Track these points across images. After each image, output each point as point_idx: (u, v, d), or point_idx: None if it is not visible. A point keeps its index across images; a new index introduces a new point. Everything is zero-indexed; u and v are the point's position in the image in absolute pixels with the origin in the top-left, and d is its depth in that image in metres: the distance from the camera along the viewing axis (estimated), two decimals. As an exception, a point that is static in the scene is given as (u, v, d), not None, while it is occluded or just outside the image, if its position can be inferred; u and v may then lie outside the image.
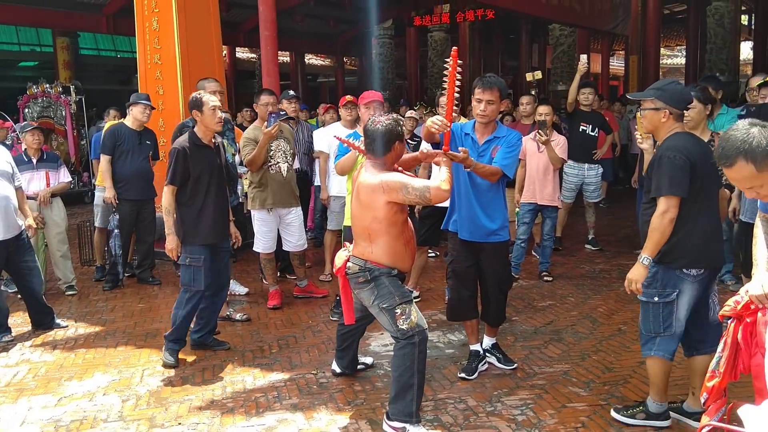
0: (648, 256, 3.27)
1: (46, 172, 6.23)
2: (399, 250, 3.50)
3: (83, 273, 7.24)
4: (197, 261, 4.51)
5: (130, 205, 6.53)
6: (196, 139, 4.55)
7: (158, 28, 7.61)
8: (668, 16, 25.53)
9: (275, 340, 4.97)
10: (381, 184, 3.37)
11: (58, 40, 17.27)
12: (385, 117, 3.53)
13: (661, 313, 3.36)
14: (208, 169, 4.54)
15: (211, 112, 4.50)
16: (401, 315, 3.41)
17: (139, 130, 6.56)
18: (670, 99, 3.35)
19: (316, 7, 17.81)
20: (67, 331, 5.31)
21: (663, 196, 3.23)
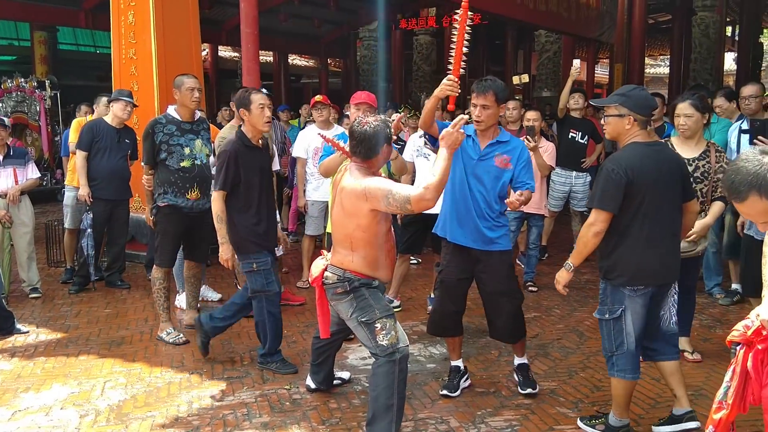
0: (571, 263, 3.36)
1: (13, 168, 5.93)
2: (380, 259, 3.29)
3: (50, 275, 6.94)
4: (265, 264, 4.26)
5: (104, 204, 6.25)
6: (246, 140, 4.30)
7: (134, 22, 7.34)
8: (653, 26, 25.58)
9: (247, 351, 4.72)
10: (364, 191, 3.14)
11: (36, 34, 16.81)
12: (373, 118, 3.30)
13: (613, 330, 3.33)
14: (259, 171, 4.30)
15: (259, 111, 4.23)
16: (381, 330, 3.19)
17: (119, 127, 6.29)
18: (635, 105, 3.25)
19: (301, 7, 17.54)
20: (27, 337, 5.02)
21: (594, 208, 3.22)
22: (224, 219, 4.20)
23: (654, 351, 3.44)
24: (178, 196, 4.81)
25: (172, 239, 4.91)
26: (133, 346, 4.82)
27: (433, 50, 21.80)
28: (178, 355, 4.63)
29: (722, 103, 6.16)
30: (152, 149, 4.79)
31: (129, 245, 7.32)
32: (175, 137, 4.80)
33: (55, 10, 15.50)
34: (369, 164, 3.28)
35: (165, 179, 4.81)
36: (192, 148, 4.85)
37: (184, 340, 4.86)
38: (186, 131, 4.87)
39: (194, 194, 4.85)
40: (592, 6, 18.15)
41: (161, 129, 4.79)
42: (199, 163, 4.89)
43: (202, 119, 5.06)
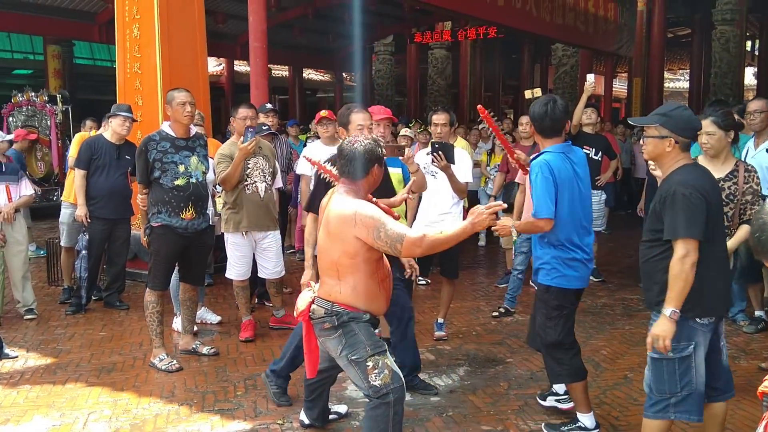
0: (674, 308, 2.84)
1: (5, 185, 5.75)
2: (372, 290, 3.03)
3: (48, 294, 6.77)
4: None
5: (103, 223, 6.07)
6: None
7: (139, 36, 7.18)
8: (672, 39, 25.28)
9: (242, 380, 4.48)
10: (354, 216, 2.89)
11: (49, 48, 16.86)
12: (363, 136, 3.07)
13: (678, 370, 2.93)
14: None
15: (358, 132, 3.94)
16: (373, 369, 2.93)
17: (119, 143, 6.11)
18: (676, 126, 2.95)
19: (316, 22, 17.45)
20: (15, 362, 4.81)
21: (680, 238, 2.83)
22: (312, 243, 3.86)
23: (716, 390, 3.08)
24: (172, 216, 4.60)
25: (166, 261, 4.69)
26: (123, 373, 4.60)
27: (448, 64, 21.60)
28: (169, 384, 4.40)
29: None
30: (145, 167, 4.59)
31: (131, 263, 7.14)
32: (169, 154, 4.59)
33: (68, 24, 15.52)
34: (358, 186, 3.04)
35: (159, 198, 4.60)
36: (187, 165, 4.64)
37: (177, 367, 4.63)
38: (181, 148, 4.65)
39: (189, 214, 4.64)
40: (610, 20, 17.89)
41: (155, 146, 4.58)
42: (195, 181, 4.68)
43: (198, 135, 4.85)
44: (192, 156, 4.69)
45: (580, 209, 3.56)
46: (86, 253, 6.04)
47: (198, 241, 4.80)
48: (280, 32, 17.48)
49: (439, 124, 5.14)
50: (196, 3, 7.42)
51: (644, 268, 3.06)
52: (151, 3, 6.97)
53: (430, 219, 5.10)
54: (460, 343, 5.27)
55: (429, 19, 19.17)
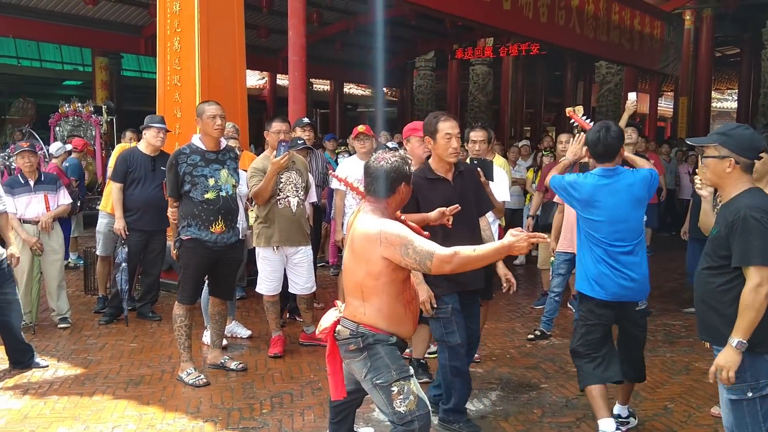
0: (742, 339, 2.67)
1: (44, 194, 5.84)
2: (398, 312, 2.92)
3: (84, 303, 6.82)
4: (444, 312, 3.83)
5: (139, 235, 6.09)
6: (429, 171, 3.94)
7: (179, 49, 7.25)
8: (720, 59, 24.73)
9: (269, 397, 4.40)
10: (379, 235, 2.80)
11: (98, 60, 17.28)
12: (391, 154, 2.98)
13: (760, 411, 2.74)
14: (446, 204, 3.70)
15: (445, 142, 3.85)
16: (398, 394, 2.82)
17: (154, 155, 6.13)
18: (737, 146, 2.77)
19: (357, 37, 17.50)
20: (45, 372, 4.82)
21: (754, 266, 2.65)
22: None
23: None
24: (201, 229, 4.57)
25: (195, 274, 4.66)
26: (151, 387, 4.57)
27: (490, 80, 21.49)
28: (195, 399, 4.35)
29: None
30: (176, 181, 4.57)
31: (166, 274, 7.16)
32: (200, 168, 4.57)
33: (116, 37, 15.89)
34: (385, 205, 2.95)
35: (189, 211, 4.58)
36: (217, 178, 4.61)
37: (204, 381, 4.58)
38: (211, 161, 4.63)
39: (219, 227, 4.60)
40: (656, 38, 17.53)
41: (185, 159, 4.57)
42: (225, 194, 4.64)
43: (228, 148, 4.82)
44: (222, 169, 4.66)
45: (597, 233, 3.70)
46: (126, 266, 6.04)
47: (228, 255, 4.76)
48: (321, 47, 17.60)
49: (477, 140, 5.04)
50: (237, 17, 7.46)
51: (704, 297, 2.87)
52: (192, 17, 7.04)
53: None
54: (493, 366, 5.12)
55: (471, 36, 19.10)
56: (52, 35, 15.57)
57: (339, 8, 15.71)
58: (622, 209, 3.70)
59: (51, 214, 5.80)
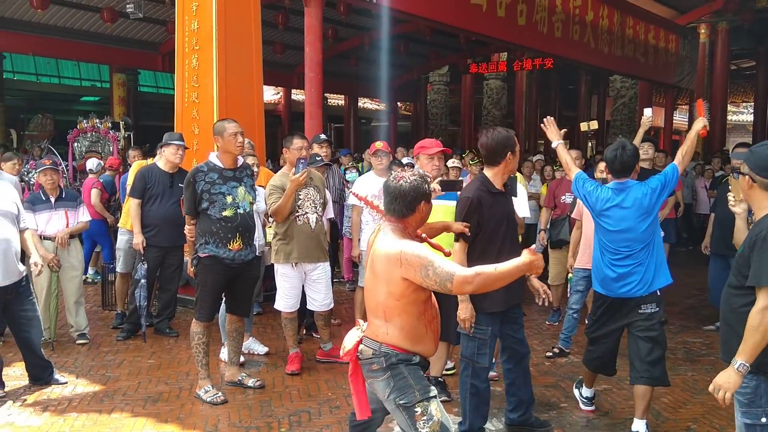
0: (745, 362, 2.63)
1: (65, 211, 5.89)
2: (420, 331, 2.90)
3: (102, 318, 6.85)
4: (483, 333, 3.84)
5: (156, 251, 6.12)
6: (490, 184, 3.94)
7: (198, 66, 7.31)
8: (736, 71, 24.61)
9: (287, 416, 4.39)
10: (399, 255, 2.78)
11: (115, 76, 17.47)
12: (410, 172, 2.97)
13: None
14: (504, 218, 3.93)
15: (512, 158, 3.92)
16: (422, 415, 2.80)
17: (172, 171, 6.17)
18: (755, 165, 2.74)
19: (371, 52, 17.60)
20: (64, 388, 4.84)
21: (765, 286, 2.59)
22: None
23: None
24: (219, 247, 4.58)
25: (212, 291, 4.66)
26: (169, 404, 4.57)
27: (504, 95, 21.49)
28: (213, 417, 4.34)
29: None
30: (193, 198, 4.59)
31: (183, 290, 7.19)
32: (217, 185, 4.58)
33: (134, 54, 16.08)
34: (405, 224, 2.94)
35: (206, 229, 4.60)
36: (235, 196, 4.62)
37: (221, 399, 4.58)
38: (228, 179, 4.64)
39: (236, 245, 4.61)
40: (671, 51, 17.49)
41: (203, 177, 4.58)
42: (242, 211, 4.65)
43: (245, 165, 4.83)
44: (239, 186, 4.67)
45: (605, 237, 4.14)
46: (145, 282, 6.07)
47: (245, 272, 4.77)
48: (336, 62, 17.71)
49: None
50: (254, 35, 7.52)
51: (726, 316, 2.84)
52: (210, 34, 7.10)
53: None
54: (511, 384, 5.07)
55: (484, 50, 19.14)
56: (70, 52, 15.80)
57: (353, 24, 15.81)
58: (630, 221, 4.02)
59: (68, 230, 5.85)
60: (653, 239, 4.07)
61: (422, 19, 10.87)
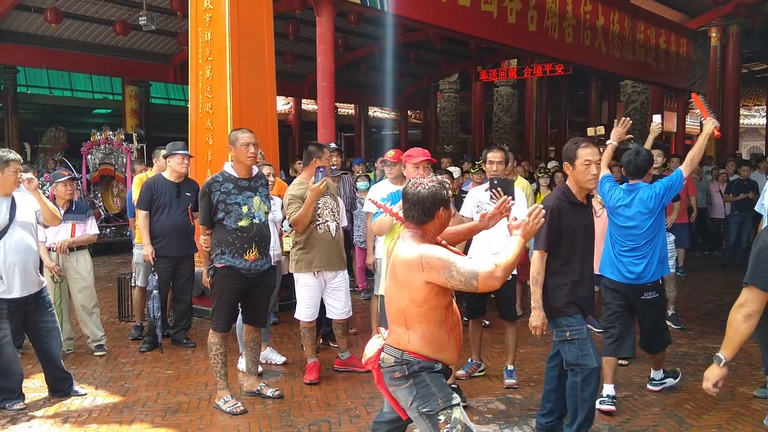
0: (721, 355, 2.83)
1: (72, 224, 5.86)
2: (441, 339, 2.88)
3: (119, 330, 6.86)
4: (580, 332, 3.81)
5: (167, 262, 6.12)
6: (571, 195, 3.93)
7: (211, 77, 7.34)
8: (747, 75, 24.49)
9: (307, 425, 4.37)
10: (420, 260, 2.77)
11: (127, 88, 17.63)
12: (429, 179, 2.95)
13: None
14: (583, 229, 3.94)
15: (584, 168, 3.83)
16: (445, 423, 2.77)
17: (178, 181, 6.16)
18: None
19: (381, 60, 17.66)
20: (84, 400, 4.84)
21: (745, 283, 2.75)
22: (540, 281, 3.88)
23: None
24: (235, 257, 4.56)
25: (229, 302, 4.65)
26: (188, 415, 4.57)
27: (514, 102, 21.49)
28: (233, 428, 4.33)
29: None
30: (209, 209, 4.57)
31: (198, 300, 7.19)
32: (233, 195, 4.57)
33: (146, 66, 16.19)
34: (424, 230, 2.91)
35: (222, 239, 4.58)
36: (250, 206, 4.60)
37: (241, 409, 4.57)
38: (243, 188, 4.63)
39: (252, 255, 4.59)
40: (682, 55, 17.44)
41: (218, 188, 4.56)
42: (258, 221, 4.64)
43: (260, 175, 4.82)
44: (255, 196, 4.65)
45: (615, 231, 4.74)
46: (157, 293, 6.07)
47: (261, 282, 4.76)
48: (346, 71, 17.76)
49: (495, 161, 5.13)
50: (267, 45, 7.55)
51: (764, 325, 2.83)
52: (223, 45, 7.13)
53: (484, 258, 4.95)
54: (532, 392, 5.04)
55: (494, 57, 19.16)
56: (83, 65, 15.92)
57: (364, 33, 15.86)
58: (636, 219, 4.61)
59: (70, 240, 5.85)
60: (656, 236, 4.64)
61: (433, 27, 10.89)
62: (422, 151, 4.81)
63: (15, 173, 4.58)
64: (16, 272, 4.52)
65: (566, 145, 4.03)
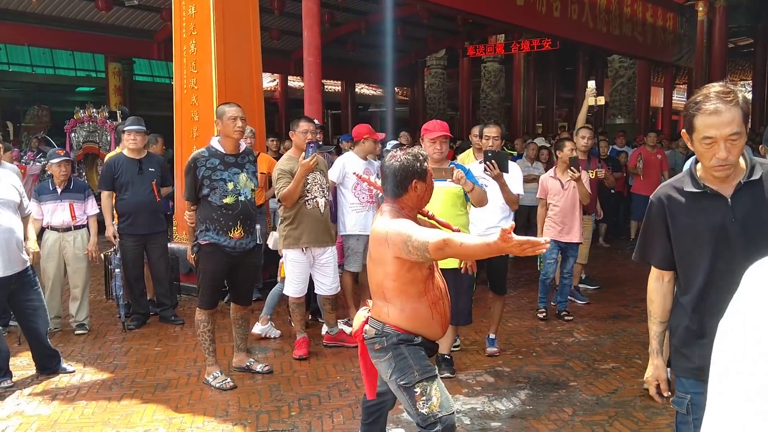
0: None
1: (70, 203, 5.82)
2: (422, 313, 2.86)
3: (106, 308, 6.82)
4: (679, 403, 3.31)
5: (134, 240, 6.04)
6: (690, 180, 2.40)
7: (196, 52, 7.24)
8: (734, 50, 24.48)
9: (296, 400, 4.38)
10: (386, 235, 2.76)
11: (111, 65, 17.36)
12: (404, 152, 2.93)
13: None
14: (715, 233, 2.33)
15: (705, 148, 3.13)
16: (421, 396, 2.78)
17: (139, 157, 6.07)
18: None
19: (368, 37, 17.50)
20: (72, 377, 4.83)
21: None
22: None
23: None
24: (220, 234, 4.51)
25: (213, 279, 4.62)
26: (178, 390, 4.56)
27: (502, 77, 21.41)
28: (223, 403, 4.33)
29: None
30: (194, 184, 4.50)
31: (185, 278, 7.16)
32: (218, 171, 4.50)
33: (129, 42, 15.92)
34: (401, 203, 2.89)
35: (207, 216, 4.52)
36: (236, 183, 4.54)
37: (230, 385, 4.56)
38: (230, 165, 4.57)
39: (237, 233, 4.54)
40: (669, 30, 17.40)
41: (204, 163, 4.49)
42: (243, 199, 4.57)
43: (248, 151, 4.76)
44: (241, 173, 4.59)
45: None
46: (119, 272, 6.02)
47: (246, 261, 4.70)
48: (332, 47, 17.59)
49: (491, 136, 5.17)
50: (252, 20, 7.45)
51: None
52: (207, 19, 7.03)
53: (479, 233, 4.95)
54: (520, 364, 5.08)
55: (482, 33, 19.03)
56: (65, 42, 15.65)
57: (350, 8, 15.69)
58: None
59: (95, 241, 5.85)
60: None
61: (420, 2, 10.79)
62: (440, 124, 4.68)
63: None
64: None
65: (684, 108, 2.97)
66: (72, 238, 5.86)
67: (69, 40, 15.19)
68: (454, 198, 4.54)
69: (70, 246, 5.82)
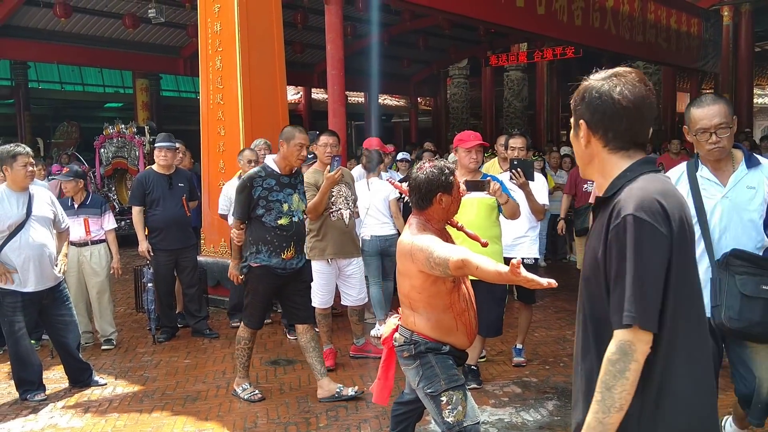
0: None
1: (84, 218, 5.86)
2: (448, 324, 2.89)
3: (136, 321, 6.92)
4: None
5: (166, 255, 6.15)
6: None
7: (221, 68, 7.37)
8: (761, 53, 24.17)
9: (324, 411, 4.41)
10: (410, 250, 2.81)
11: (138, 81, 17.65)
12: (431, 163, 2.96)
13: None
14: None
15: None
16: (447, 404, 2.81)
17: (168, 173, 6.18)
18: None
19: (390, 48, 17.59)
20: (104, 390, 4.91)
21: None
22: None
23: None
24: (272, 256, 4.47)
25: (263, 300, 4.61)
26: (207, 402, 4.62)
27: (524, 86, 21.36)
28: (251, 415, 4.38)
29: None
30: (248, 204, 4.45)
31: (213, 290, 7.25)
32: (275, 192, 4.46)
33: (156, 59, 16.20)
34: (426, 216, 2.93)
35: (260, 237, 4.47)
36: (290, 204, 4.52)
37: (259, 396, 4.60)
38: (285, 185, 4.52)
39: (289, 254, 4.51)
40: (693, 35, 17.24)
41: (260, 183, 4.43)
42: (297, 220, 4.56)
43: (298, 171, 4.74)
44: (294, 194, 4.58)
45: None
46: (152, 286, 6.10)
47: (296, 279, 4.67)
48: (355, 59, 17.71)
49: (517, 147, 5.18)
50: (276, 35, 7.56)
51: None
52: (233, 36, 7.15)
53: (506, 243, 4.94)
54: (547, 374, 5.06)
55: (504, 42, 19.02)
56: (93, 59, 15.95)
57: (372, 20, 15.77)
58: None
59: (118, 258, 5.93)
60: None
61: (441, 12, 10.83)
62: (474, 134, 4.71)
63: (24, 167, 4.61)
64: (31, 267, 4.57)
65: None
66: (89, 253, 5.90)
67: (97, 57, 15.48)
68: (488, 209, 4.56)
69: (87, 261, 5.88)
